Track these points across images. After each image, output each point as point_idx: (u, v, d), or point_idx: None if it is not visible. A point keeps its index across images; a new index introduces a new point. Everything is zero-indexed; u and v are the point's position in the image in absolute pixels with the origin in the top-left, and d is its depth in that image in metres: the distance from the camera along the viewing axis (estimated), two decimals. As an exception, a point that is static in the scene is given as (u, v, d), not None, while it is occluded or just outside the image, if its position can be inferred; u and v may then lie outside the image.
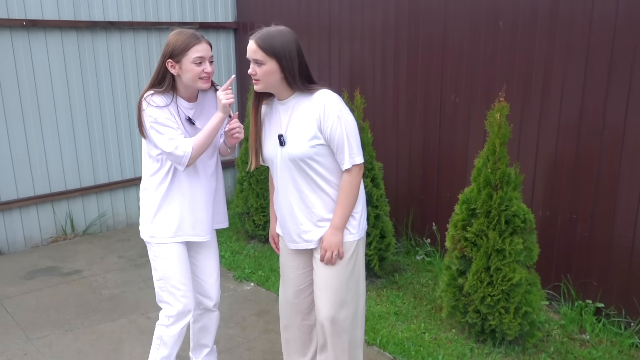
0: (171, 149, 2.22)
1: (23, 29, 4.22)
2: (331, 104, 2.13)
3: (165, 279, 2.43)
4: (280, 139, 2.19)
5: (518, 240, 2.94)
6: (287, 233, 2.35)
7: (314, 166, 2.19)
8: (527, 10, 3.37)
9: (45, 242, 4.61)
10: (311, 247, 2.31)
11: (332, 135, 2.14)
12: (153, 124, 2.23)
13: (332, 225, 2.23)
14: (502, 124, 2.88)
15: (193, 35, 2.23)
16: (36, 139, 4.43)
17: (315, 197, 2.24)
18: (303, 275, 2.44)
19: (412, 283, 3.88)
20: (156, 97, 2.25)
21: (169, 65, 2.23)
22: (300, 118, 2.17)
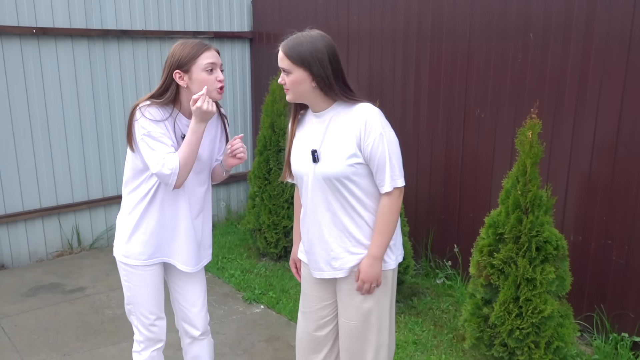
0: (159, 167, 2.02)
1: (33, 37, 4.12)
2: (373, 119, 1.95)
3: (134, 304, 2.26)
4: (313, 155, 2.00)
5: (550, 268, 2.71)
6: (314, 260, 2.13)
7: (350, 187, 2.00)
8: (560, 21, 3.15)
9: (50, 256, 4.46)
10: (340, 276, 2.10)
11: (372, 154, 1.96)
12: (145, 137, 2.04)
13: (370, 255, 2.03)
14: (534, 142, 2.66)
15: (200, 42, 2.08)
16: (44, 149, 4.31)
17: (349, 220, 2.04)
18: (327, 307, 2.22)
19: (432, 309, 3.65)
20: (153, 109, 2.06)
21: (176, 76, 2.05)
22: (337, 133, 1.99)
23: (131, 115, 2.08)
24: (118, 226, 2.26)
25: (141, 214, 2.15)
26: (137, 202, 2.16)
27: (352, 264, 2.07)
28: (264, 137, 4.27)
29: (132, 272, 2.21)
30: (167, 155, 2.02)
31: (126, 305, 2.30)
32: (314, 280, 2.19)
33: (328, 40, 2.00)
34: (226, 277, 4.11)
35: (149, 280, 2.23)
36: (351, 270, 2.07)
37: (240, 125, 5.47)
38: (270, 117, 4.24)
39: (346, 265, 2.07)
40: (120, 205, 2.26)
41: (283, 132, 4.22)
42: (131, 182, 2.18)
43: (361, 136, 1.95)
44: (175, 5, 4.82)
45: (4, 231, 4.22)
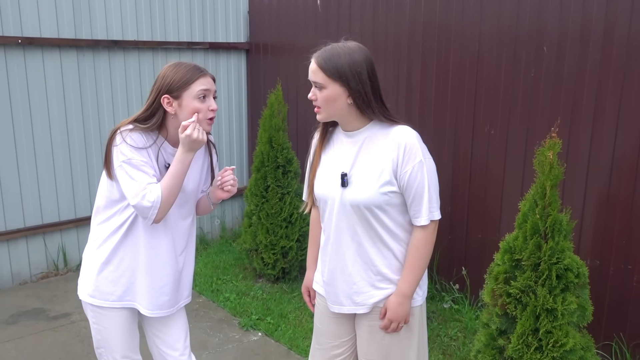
0: (138, 199, 1.81)
1: (18, 47, 3.91)
2: (413, 145, 1.78)
3: (104, 348, 2.04)
4: (343, 179, 1.82)
5: (571, 298, 2.51)
6: (334, 293, 1.94)
7: (381, 217, 1.82)
8: (576, 33, 2.99)
9: (34, 278, 4.22)
10: (361, 311, 1.92)
11: (410, 183, 1.79)
12: (124, 165, 1.83)
13: (400, 293, 1.86)
14: (554, 163, 2.48)
15: (196, 67, 1.88)
16: (28, 165, 4.08)
17: (376, 252, 1.86)
18: (343, 344, 2.04)
19: (440, 335, 3.44)
20: (135, 135, 1.86)
21: (164, 102, 1.85)
22: (371, 156, 1.81)
23: (110, 139, 1.87)
24: (84, 261, 2.03)
25: (113, 248, 1.94)
26: (108, 236, 1.95)
27: (376, 300, 1.89)
28: (261, 152, 4.07)
29: (100, 313, 1.99)
30: (148, 186, 1.82)
31: (96, 349, 2.09)
32: (330, 315, 2.01)
33: (366, 52, 1.81)
34: (221, 301, 3.89)
35: (119, 322, 2.01)
36: (374, 306, 1.90)
37: (236, 140, 5.28)
38: (268, 132, 4.05)
39: (369, 300, 1.90)
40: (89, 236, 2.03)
41: (281, 147, 4.03)
42: (103, 211, 1.96)
43: (399, 162, 1.78)
44: (169, 15, 4.64)
45: (-15, 252, 3.99)
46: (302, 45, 4.61)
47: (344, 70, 1.75)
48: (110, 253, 1.94)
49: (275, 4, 4.82)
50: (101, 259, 1.95)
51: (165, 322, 2.11)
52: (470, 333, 3.44)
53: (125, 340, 2.05)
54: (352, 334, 2.03)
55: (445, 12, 3.58)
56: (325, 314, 2.03)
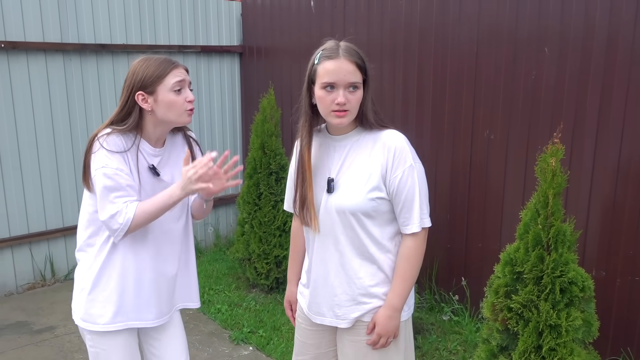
0: (106, 217, 1.73)
1: (1, 52, 3.79)
2: (403, 148, 1.71)
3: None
4: (329, 184, 1.73)
5: (576, 313, 2.37)
6: (315, 302, 1.86)
7: (367, 225, 1.73)
8: (578, 33, 2.86)
9: (20, 290, 4.09)
10: (342, 326, 1.82)
11: (400, 188, 1.70)
12: (101, 173, 1.73)
13: (389, 306, 1.76)
14: (557, 171, 2.34)
15: (166, 59, 1.80)
16: (13, 172, 3.95)
17: (359, 264, 1.77)
18: (325, 355, 1.96)
19: (439, 349, 3.30)
20: (113, 138, 1.76)
21: (139, 98, 1.77)
22: (359, 161, 1.73)
23: (89, 147, 1.77)
24: (75, 284, 1.91)
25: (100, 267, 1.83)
26: (95, 255, 1.84)
27: (358, 314, 1.80)
28: (253, 159, 3.95)
29: (98, 337, 1.88)
30: (122, 206, 1.73)
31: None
32: (310, 326, 1.93)
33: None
34: (212, 313, 3.76)
35: (119, 343, 1.89)
36: (356, 320, 1.81)
37: (230, 146, 5.15)
38: (260, 138, 3.92)
39: (351, 315, 1.80)
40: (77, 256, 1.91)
41: (274, 153, 3.90)
42: (87, 228, 1.86)
43: (388, 167, 1.70)
44: (159, 17, 4.52)
45: (-31, 263, 3.86)
46: (296, 49, 4.49)
47: (369, 69, 1.69)
48: (98, 273, 1.84)
49: (269, 6, 4.70)
50: (90, 280, 1.85)
51: (164, 340, 2.02)
52: (470, 347, 3.30)
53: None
54: (331, 347, 1.94)
55: (442, 13, 3.45)
56: (305, 325, 1.95)
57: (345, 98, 1.65)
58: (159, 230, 1.89)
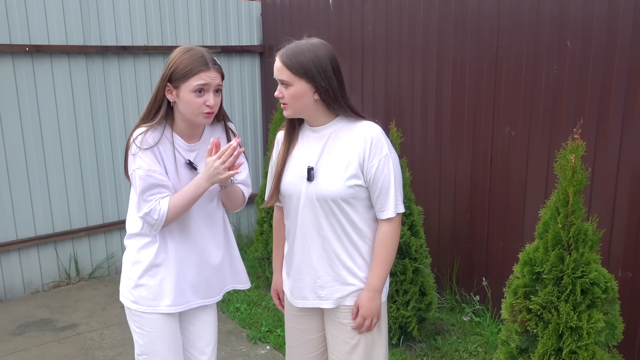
0: (143, 214, 1.84)
1: (26, 55, 3.88)
2: (379, 140, 1.82)
3: (148, 354, 1.99)
4: (309, 173, 1.82)
5: (598, 315, 2.29)
6: (298, 287, 1.95)
7: (347, 210, 1.84)
8: (602, 26, 2.76)
9: (46, 287, 4.19)
10: (325, 306, 1.92)
11: (376, 177, 1.81)
12: (136, 174, 1.83)
13: (370, 288, 1.87)
14: (577, 168, 2.26)
15: (201, 58, 1.80)
16: (38, 173, 4.04)
17: (340, 247, 1.87)
18: (312, 341, 2.04)
19: (458, 350, 3.24)
20: (147, 138, 1.83)
21: (166, 89, 1.83)
22: (337, 151, 1.83)
23: (127, 145, 1.87)
24: (124, 267, 2.02)
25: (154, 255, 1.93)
26: (146, 242, 1.94)
27: (340, 295, 1.90)
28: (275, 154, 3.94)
29: (143, 318, 1.96)
30: (155, 203, 1.83)
31: (138, 355, 2.03)
32: (297, 312, 2.02)
33: (330, 48, 1.83)
34: (231, 312, 3.77)
35: (163, 326, 1.97)
36: (339, 302, 1.91)
37: (251, 145, 5.17)
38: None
39: (334, 295, 1.90)
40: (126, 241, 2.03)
41: (292, 152, 3.89)
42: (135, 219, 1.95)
43: (365, 156, 1.81)
44: (180, 19, 4.56)
45: (-4, 261, 3.96)
46: (315, 47, 4.46)
47: (309, 67, 1.76)
48: (152, 260, 1.93)
49: (288, 5, 4.70)
50: (142, 266, 1.93)
51: (198, 324, 2.10)
52: (491, 348, 3.23)
53: (170, 344, 2.00)
54: (320, 332, 2.02)
55: (461, 8, 3.38)
56: (293, 311, 2.03)
57: (280, 92, 1.80)
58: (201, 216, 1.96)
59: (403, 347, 3.23)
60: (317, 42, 1.81)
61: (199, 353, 2.12)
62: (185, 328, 2.10)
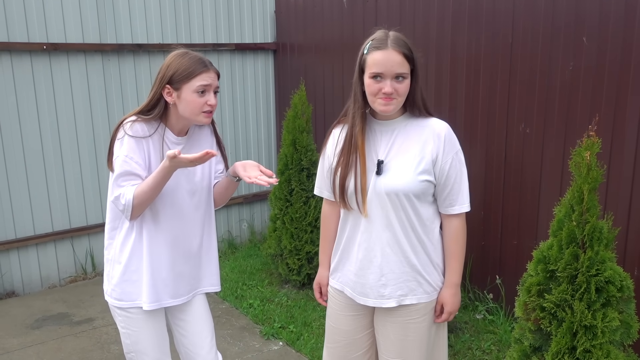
0: (113, 196, 1.86)
1: (44, 53, 3.94)
2: (452, 136, 1.85)
3: (136, 352, 2.01)
4: (379, 166, 1.80)
5: (613, 314, 2.27)
6: (360, 283, 1.90)
7: (416, 205, 1.83)
8: (619, 22, 2.72)
9: (63, 282, 4.25)
10: (388, 305, 1.88)
11: (450, 173, 1.83)
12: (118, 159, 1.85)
13: (451, 284, 1.93)
14: (592, 165, 2.24)
15: (200, 60, 1.87)
16: (55, 170, 4.11)
17: (408, 244, 1.85)
18: (361, 339, 2.01)
19: (472, 348, 3.23)
20: (137, 126, 1.86)
21: (165, 91, 1.87)
22: (408, 145, 1.82)
23: (115, 132, 1.88)
24: (106, 265, 2.01)
25: (130, 249, 1.94)
26: (125, 236, 1.95)
27: (402, 293, 1.88)
28: (285, 155, 3.96)
29: (127, 316, 1.99)
30: (124, 189, 1.84)
31: (126, 354, 2.07)
32: (344, 311, 1.98)
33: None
34: (244, 308, 3.80)
35: (148, 322, 2.00)
36: (399, 299, 1.88)
37: (264, 143, 5.19)
38: (291, 134, 3.93)
39: (396, 292, 1.88)
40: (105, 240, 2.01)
41: (305, 149, 3.90)
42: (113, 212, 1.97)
43: (439, 152, 1.81)
44: (194, 17, 4.59)
45: (15, 256, 4.03)
46: (328, 45, 4.47)
47: (417, 58, 1.76)
48: (129, 254, 1.94)
49: (302, 3, 4.71)
50: (122, 261, 1.95)
51: (191, 321, 2.11)
52: (505, 346, 3.21)
53: (155, 342, 2.02)
54: (366, 331, 1.99)
55: (476, 3, 3.36)
56: (341, 310, 1.99)
57: (392, 88, 1.72)
58: (180, 215, 1.97)
59: (415, 345, 3.22)
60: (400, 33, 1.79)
61: (197, 348, 2.13)
62: (178, 325, 2.13)
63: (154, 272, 1.95)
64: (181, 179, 1.96)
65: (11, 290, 4.04)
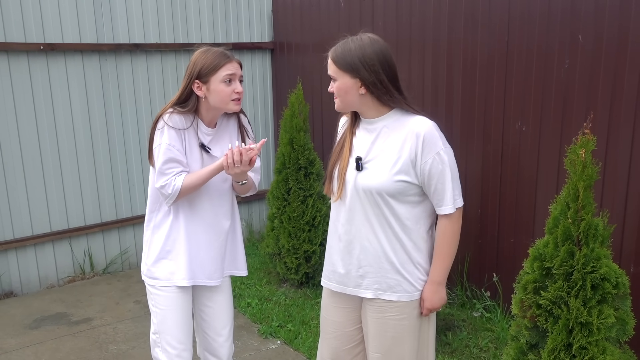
0: (160, 185, 2.02)
1: (41, 53, 3.94)
2: (432, 136, 1.84)
3: (160, 333, 2.13)
4: (357, 163, 1.89)
5: (609, 311, 2.28)
6: (338, 273, 2.00)
7: (392, 204, 1.88)
8: (614, 19, 2.73)
9: (61, 282, 4.26)
10: (365, 295, 1.97)
11: (431, 173, 1.84)
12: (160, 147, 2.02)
13: (433, 281, 1.95)
14: (587, 162, 2.25)
15: (222, 53, 2.05)
16: (53, 170, 4.11)
17: (385, 240, 1.92)
18: (350, 333, 2.09)
19: (469, 346, 3.24)
20: (174, 117, 2.03)
21: (195, 86, 2.04)
22: (387, 144, 1.88)
23: (154, 124, 2.05)
24: (145, 247, 2.20)
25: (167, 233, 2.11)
26: (161, 220, 2.12)
27: (379, 287, 1.95)
28: (282, 154, 3.96)
29: (160, 294, 2.13)
30: (172, 178, 2.01)
31: (152, 335, 2.19)
32: (336, 304, 2.07)
33: (380, 44, 1.87)
34: (242, 307, 3.80)
35: (177, 303, 2.14)
36: (377, 292, 1.95)
37: (261, 141, 5.18)
38: (289, 133, 3.93)
39: (373, 285, 1.95)
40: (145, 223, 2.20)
41: (303, 148, 3.90)
42: (155, 199, 2.13)
43: (417, 153, 1.83)
44: (191, 16, 4.59)
45: (13, 257, 4.03)
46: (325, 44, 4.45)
47: (354, 62, 1.82)
48: (166, 237, 2.10)
49: (299, 2, 4.71)
50: (159, 243, 2.11)
51: (214, 307, 2.25)
52: (502, 344, 3.22)
53: (181, 323, 2.14)
54: (357, 325, 2.06)
55: (471, 3, 3.36)
56: (330, 302, 2.08)
57: (331, 87, 1.91)
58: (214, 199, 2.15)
59: (413, 343, 3.23)
60: (366, 38, 1.86)
61: (216, 335, 2.27)
62: (202, 310, 2.26)
63: (191, 252, 2.11)
64: None
65: (9, 290, 4.05)
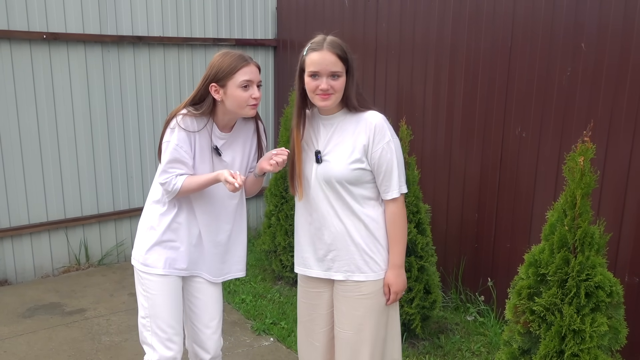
0: (160, 181, 2.06)
1: (43, 43, 3.93)
2: (382, 127, 1.99)
3: (151, 317, 2.13)
4: (317, 156, 2.01)
5: (602, 319, 2.28)
6: (306, 257, 2.13)
7: (352, 190, 2.02)
8: (617, 28, 2.73)
9: (56, 272, 4.25)
10: (336, 277, 2.09)
11: (380, 161, 1.99)
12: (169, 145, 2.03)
13: (393, 265, 2.08)
14: (585, 170, 2.25)
15: (241, 57, 2.03)
16: (52, 160, 4.11)
17: (350, 223, 2.04)
18: (325, 316, 2.19)
19: (461, 349, 3.24)
20: (187, 119, 2.03)
21: (212, 89, 2.03)
22: (343, 137, 2.01)
23: (167, 122, 2.05)
24: (140, 233, 2.19)
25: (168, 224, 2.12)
26: (164, 212, 2.12)
27: (348, 269, 2.06)
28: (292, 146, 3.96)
29: (151, 280, 2.13)
30: (174, 177, 2.03)
31: (141, 319, 2.18)
32: (309, 287, 2.18)
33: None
34: (236, 303, 3.80)
35: (168, 289, 2.14)
36: (346, 275, 2.07)
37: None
38: (289, 131, 3.92)
39: (344, 267, 2.06)
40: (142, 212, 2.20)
41: (302, 147, 3.90)
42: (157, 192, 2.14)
43: (370, 142, 1.97)
44: (195, 10, 4.59)
45: (9, 245, 4.03)
46: (329, 42, 4.46)
47: (352, 60, 1.95)
48: (166, 228, 2.11)
49: (303, 1, 4.71)
50: (157, 232, 2.12)
51: (203, 299, 2.24)
52: (494, 348, 3.22)
53: (171, 308, 2.14)
54: (330, 309, 2.16)
55: (476, 6, 3.37)
56: (305, 288, 2.20)
57: (328, 84, 1.92)
58: (215, 203, 2.14)
59: (406, 345, 3.23)
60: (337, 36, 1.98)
61: (203, 326, 2.26)
62: (191, 302, 2.25)
63: (190, 244, 2.13)
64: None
65: (4, 278, 4.04)
